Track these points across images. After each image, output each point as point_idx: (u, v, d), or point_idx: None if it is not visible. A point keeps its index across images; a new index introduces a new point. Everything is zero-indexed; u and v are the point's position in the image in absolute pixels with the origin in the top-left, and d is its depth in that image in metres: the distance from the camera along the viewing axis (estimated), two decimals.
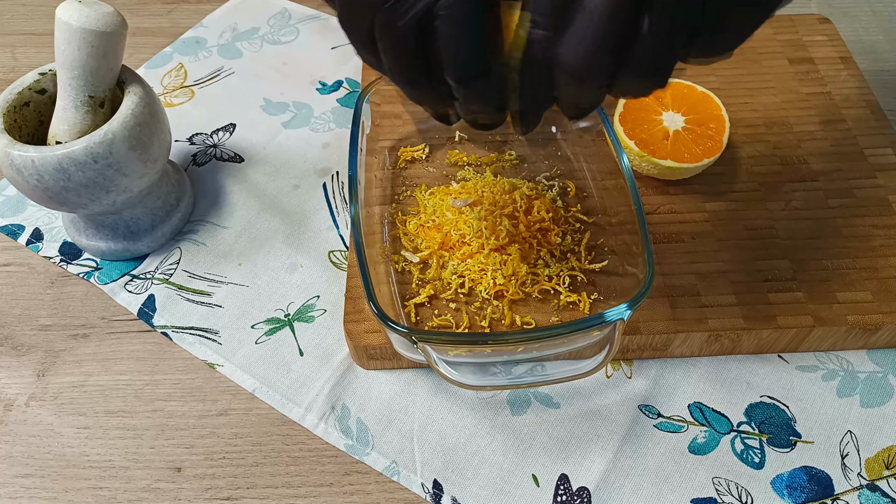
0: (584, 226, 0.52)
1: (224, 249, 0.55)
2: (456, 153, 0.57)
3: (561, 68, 0.30)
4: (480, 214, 0.49)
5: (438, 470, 0.45)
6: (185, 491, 0.44)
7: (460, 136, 0.58)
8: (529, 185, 0.53)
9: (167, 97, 0.67)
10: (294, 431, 0.47)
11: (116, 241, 0.54)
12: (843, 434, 0.45)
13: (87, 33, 0.44)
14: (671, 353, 0.48)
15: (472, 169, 0.56)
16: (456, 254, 0.49)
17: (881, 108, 0.59)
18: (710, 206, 0.53)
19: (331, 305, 0.52)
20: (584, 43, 0.28)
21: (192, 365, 0.50)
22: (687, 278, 0.49)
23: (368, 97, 0.52)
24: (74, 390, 0.49)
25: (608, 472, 0.44)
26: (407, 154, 0.57)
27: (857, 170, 0.55)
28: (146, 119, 0.48)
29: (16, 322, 0.52)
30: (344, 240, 0.56)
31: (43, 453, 0.46)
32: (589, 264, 0.50)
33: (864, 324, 0.46)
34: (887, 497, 0.43)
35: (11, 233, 0.57)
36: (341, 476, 0.45)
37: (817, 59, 0.64)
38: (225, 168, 0.61)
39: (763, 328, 0.46)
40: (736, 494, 0.43)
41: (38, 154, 0.45)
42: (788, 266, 0.49)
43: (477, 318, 0.48)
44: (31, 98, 0.50)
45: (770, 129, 0.58)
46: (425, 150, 0.57)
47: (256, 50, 0.71)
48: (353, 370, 0.49)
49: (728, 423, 0.46)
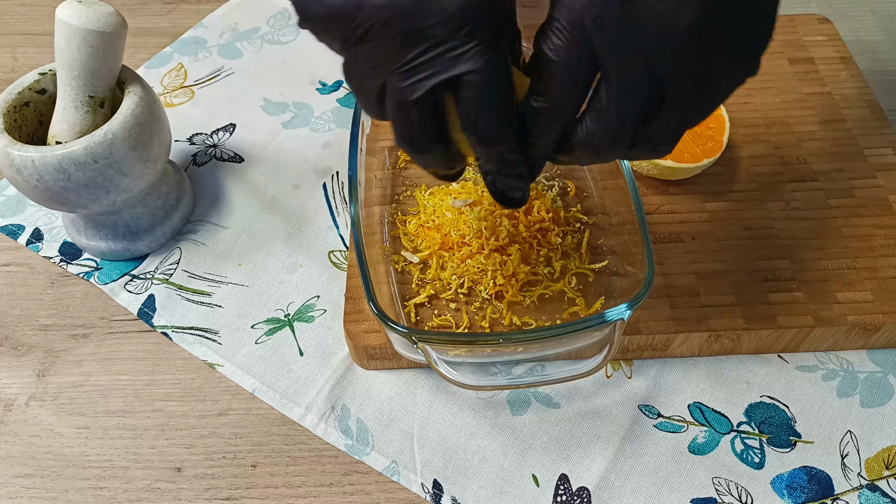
0: (584, 226, 0.52)
1: (224, 249, 0.55)
2: None
3: (582, 145, 0.31)
4: (480, 214, 0.49)
5: (438, 470, 0.45)
6: (185, 491, 0.44)
7: None
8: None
9: (167, 97, 0.67)
10: (294, 431, 0.47)
11: (116, 241, 0.54)
12: (843, 434, 0.45)
13: (87, 33, 0.44)
14: (671, 353, 0.48)
15: (473, 169, 0.56)
16: (456, 254, 0.49)
17: (881, 108, 0.59)
18: (710, 206, 0.53)
19: (331, 305, 0.52)
20: (608, 130, 0.30)
21: (192, 365, 0.50)
22: (687, 278, 0.49)
23: None
24: (74, 390, 0.49)
25: (608, 472, 0.44)
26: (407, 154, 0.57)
27: (857, 170, 0.55)
28: (146, 119, 0.48)
29: (16, 322, 0.52)
30: (344, 240, 0.56)
31: (43, 453, 0.46)
32: (589, 264, 0.50)
33: (864, 324, 0.46)
34: (887, 497, 0.43)
35: (11, 233, 0.57)
36: (341, 476, 0.45)
37: (817, 59, 0.64)
38: (225, 168, 0.61)
39: (763, 328, 0.46)
40: (736, 494, 0.43)
41: (38, 154, 0.45)
42: (788, 266, 0.49)
43: (477, 319, 0.48)
44: (31, 98, 0.50)
45: (770, 129, 0.58)
46: None
47: (256, 50, 0.71)
48: (353, 370, 0.49)
49: (728, 423, 0.46)
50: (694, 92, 0.30)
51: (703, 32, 0.28)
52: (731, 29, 0.28)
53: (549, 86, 0.30)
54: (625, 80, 0.29)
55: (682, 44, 0.28)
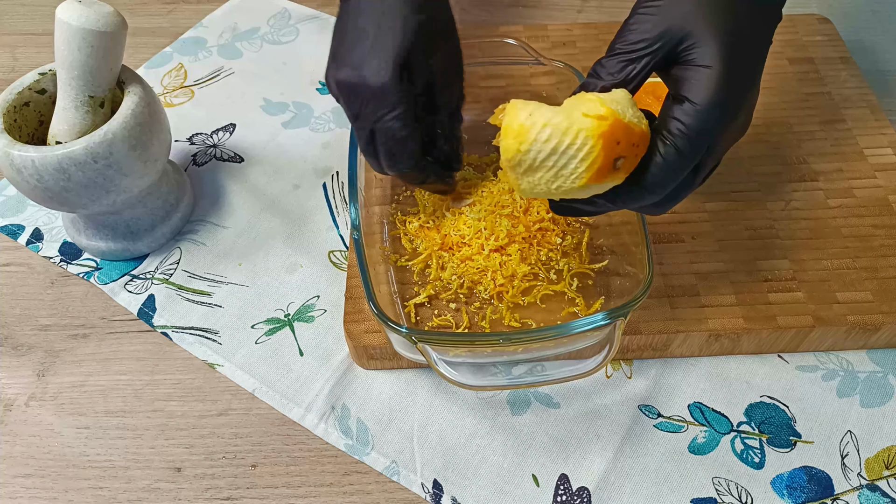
0: (584, 226, 0.52)
1: (224, 249, 0.55)
2: None
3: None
4: (480, 215, 0.49)
5: (438, 470, 0.45)
6: (185, 491, 0.44)
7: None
8: None
9: (167, 97, 0.67)
10: (294, 431, 0.47)
11: (116, 241, 0.54)
12: (843, 434, 0.45)
13: (86, 33, 0.44)
14: (671, 353, 0.48)
15: (472, 169, 0.56)
16: (456, 254, 0.49)
17: (881, 108, 0.59)
18: (710, 206, 0.53)
19: (331, 305, 0.52)
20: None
21: (192, 365, 0.50)
22: (687, 278, 0.49)
23: None
24: (74, 390, 0.49)
25: (608, 472, 0.44)
26: None
27: (857, 170, 0.55)
28: (146, 119, 0.48)
29: (16, 322, 0.52)
30: (344, 240, 0.56)
31: (43, 453, 0.46)
32: (589, 264, 0.50)
33: (864, 324, 0.46)
34: (887, 497, 0.43)
35: (11, 233, 0.57)
36: (341, 476, 0.45)
37: (817, 59, 0.64)
38: (225, 168, 0.61)
39: (763, 328, 0.46)
40: (736, 494, 0.43)
41: (38, 154, 0.45)
42: (788, 266, 0.49)
43: (477, 319, 0.48)
44: (31, 98, 0.50)
45: (770, 129, 0.58)
46: None
47: (256, 50, 0.71)
48: (353, 370, 0.49)
49: (728, 423, 0.46)
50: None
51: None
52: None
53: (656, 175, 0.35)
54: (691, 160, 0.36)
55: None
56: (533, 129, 0.33)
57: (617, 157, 0.33)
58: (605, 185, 0.35)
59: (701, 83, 0.34)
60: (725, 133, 0.36)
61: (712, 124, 0.34)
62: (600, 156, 0.33)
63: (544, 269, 0.49)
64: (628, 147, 0.33)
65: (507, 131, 0.34)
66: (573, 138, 0.33)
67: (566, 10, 0.75)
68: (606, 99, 0.34)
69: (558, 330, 0.41)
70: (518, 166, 0.35)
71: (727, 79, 0.34)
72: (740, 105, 0.36)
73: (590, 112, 0.33)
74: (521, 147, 0.34)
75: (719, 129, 0.35)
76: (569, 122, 0.33)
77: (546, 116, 0.33)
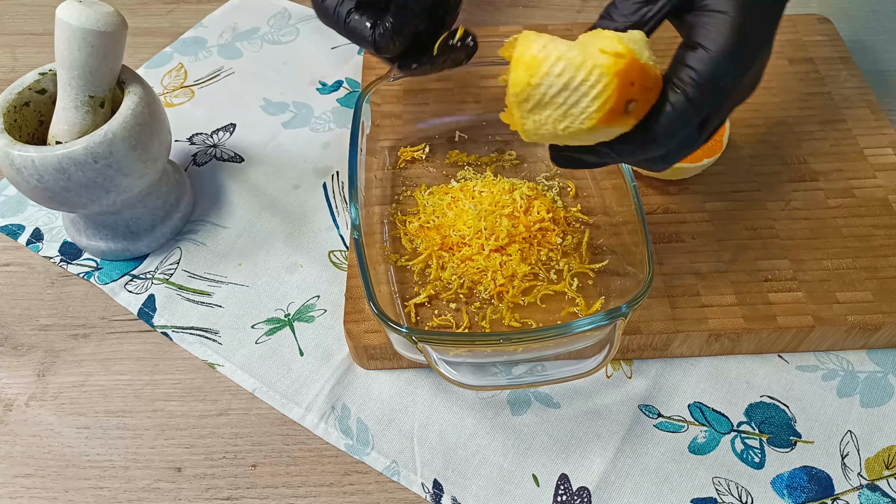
0: (584, 226, 0.52)
1: (224, 249, 0.55)
2: (456, 153, 0.57)
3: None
4: (480, 214, 0.49)
5: (438, 470, 0.45)
6: (185, 491, 0.44)
7: (460, 136, 0.58)
8: (529, 184, 0.53)
9: (167, 97, 0.67)
10: (294, 431, 0.47)
11: (116, 241, 0.54)
12: (843, 434, 0.45)
13: (86, 33, 0.44)
14: (671, 353, 0.48)
15: (472, 169, 0.56)
16: (456, 254, 0.49)
17: (881, 108, 0.59)
18: (710, 206, 0.53)
19: (331, 305, 0.52)
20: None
21: (192, 365, 0.50)
22: (687, 278, 0.49)
23: (368, 97, 0.52)
24: (74, 390, 0.49)
25: (608, 471, 0.44)
26: (407, 154, 0.57)
27: (857, 170, 0.55)
28: (146, 119, 0.48)
29: (16, 322, 0.52)
30: (344, 240, 0.56)
31: (43, 453, 0.46)
32: (589, 264, 0.50)
33: (864, 324, 0.46)
34: (887, 497, 0.43)
35: (11, 233, 0.57)
36: (341, 476, 0.45)
37: (817, 59, 0.64)
38: (225, 168, 0.61)
39: (763, 328, 0.46)
40: (736, 494, 0.43)
41: (38, 154, 0.45)
42: (788, 266, 0.49)
43: (477, 319, 0.48)
44: (31, 98, 0.50)
45: (770, 129, 0.58)
46: (425, 150, 0.57)
47: (256, 50, 0.71)
48: (353, 370, 0.49)
49: (728, 423, 0.46)
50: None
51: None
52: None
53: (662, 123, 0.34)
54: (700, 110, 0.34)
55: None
56: (546, 61, 0.32)
57: (629, 100, 0.32)
58: (612, 131, 0.33)
59: (716, 29, 0.33)
60: (737, 86, 0.35)
61: (725, 72, 0.33)
62: (613, 95, 0.31)
63: (544, 269, 0.49)
64: (642, 90, 0.32)
65: (518, 63, 0.32)
66: (587, 74, 0.31)
67: (566, 10, 0.75)
68: (624, 38, 0.32)
69: (558, 330, 0.41)
70: (526, 102, 0.33)
71: (742, 27, 0.33)
72: (753, 58, 0.35)
73: (607, 48, 0.31)
74: (532, 80, 0.32)
75: (731, 80, 0.34)
76: (584, 56, 0.31)
77: (560, 49, 0.31)
